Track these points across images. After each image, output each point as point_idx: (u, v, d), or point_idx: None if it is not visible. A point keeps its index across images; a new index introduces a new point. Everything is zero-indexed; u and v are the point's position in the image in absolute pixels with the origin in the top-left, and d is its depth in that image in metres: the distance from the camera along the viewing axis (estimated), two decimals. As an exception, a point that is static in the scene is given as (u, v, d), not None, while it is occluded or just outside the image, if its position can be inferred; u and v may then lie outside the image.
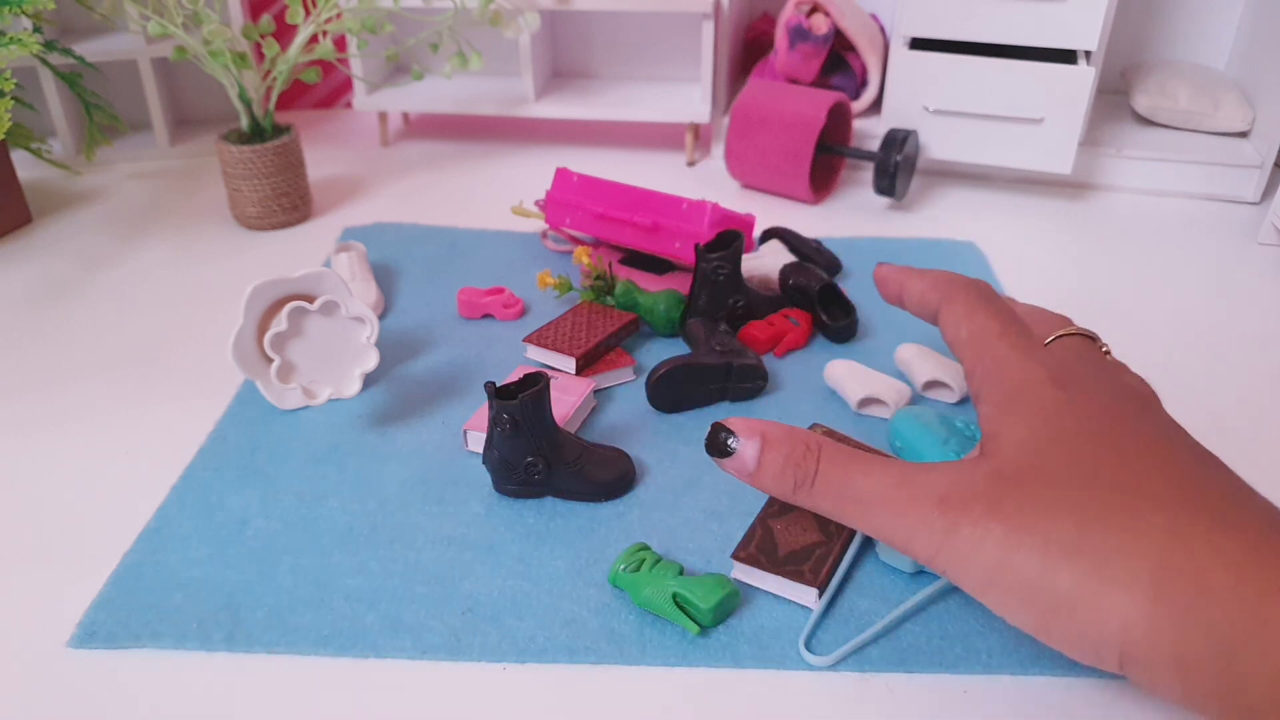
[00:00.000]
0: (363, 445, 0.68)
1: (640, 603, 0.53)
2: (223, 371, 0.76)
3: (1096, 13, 1.01)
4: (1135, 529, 0.37)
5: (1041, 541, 0.38)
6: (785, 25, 1.17)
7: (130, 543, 0.59)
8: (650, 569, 0.53)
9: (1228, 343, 0.82)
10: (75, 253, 0.99)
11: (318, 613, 0.53)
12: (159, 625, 0.52)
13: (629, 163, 1.24)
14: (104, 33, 1.23)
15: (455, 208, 1.09)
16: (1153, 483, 0.39)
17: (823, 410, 0.72)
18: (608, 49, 1.35)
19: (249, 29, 1.00)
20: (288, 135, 1.02)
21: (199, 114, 1.34)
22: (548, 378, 0.59)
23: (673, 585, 0.52)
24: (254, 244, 1.01)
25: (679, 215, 0.86)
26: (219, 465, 0.66)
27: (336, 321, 0.70)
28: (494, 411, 0.58)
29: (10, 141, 1.07)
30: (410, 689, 0.49)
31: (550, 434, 0.60)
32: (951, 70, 1.07)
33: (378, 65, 1.30)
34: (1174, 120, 1.18)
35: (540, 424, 0.59)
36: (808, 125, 1.04)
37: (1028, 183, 1.16)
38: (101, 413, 0.72)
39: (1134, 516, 0.37)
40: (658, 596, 0.52)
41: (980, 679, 0.50)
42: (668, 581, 0.52)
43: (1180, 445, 0.41)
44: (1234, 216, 1.08)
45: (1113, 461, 0.40)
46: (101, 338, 0.83)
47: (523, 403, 0.58)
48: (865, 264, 0.94)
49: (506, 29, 1.12)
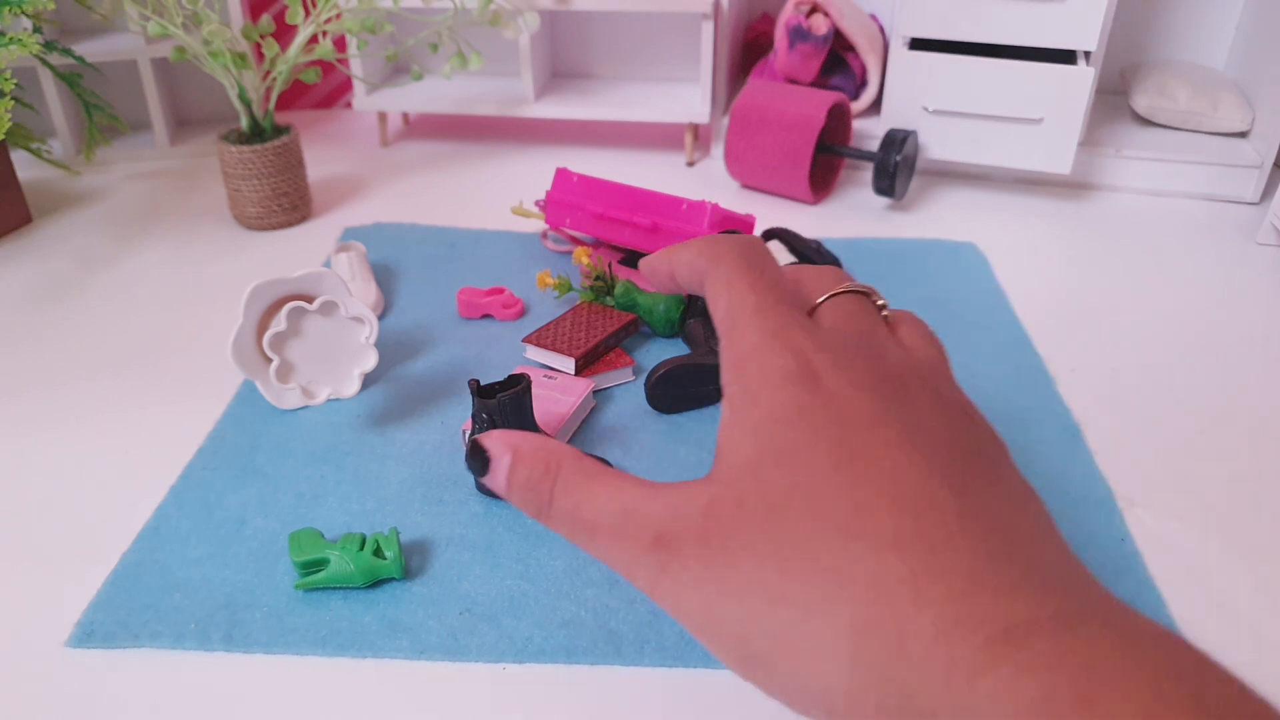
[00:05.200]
0: (362, 445, 0.68)
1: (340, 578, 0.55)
2: (222, 371, 0.77)
3: (1096, 13, 1.01)
4: (840, 573, 0.32)
5: (745, 588, 0.34)
6: (785, 25, 1.17)
7: (129, 542, 0.59)
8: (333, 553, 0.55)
9: (1227, 342, 0.82)
10: (75, 253, 0.99)
11: (316, 613, 0.53)
12: (157, 625, 0.52)
13: (629, 163, 1.24)
14: (104, 33, 1.23)
15: (455, 208, 1.09)
16: (874, 510, 0.34)
17: (822, 410, 0.72)
18: (607, 49, 1.35)
19: (249, 29, 1.00)
20: (288, 135, 1.02)
21: (199, 114, 1.34)
22: (529, 379, 0.59)
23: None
24: (254, 244, 1.01)
25: (679, 215, 0.86)
26: (218, 465, 0.66)
27: (336, 321, 0.70)
28: (474, 409, 0.58)
29: (10, 141, 1.07)
30: (408, 689, 0.49)
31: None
32: (951, 70, 1.07)
33: (377, 65, 1.30)
34: (1173, 120, 1.18)
35: (520, 425, 0.59)
36: (807, 125, 1.04)
37: (1027, 183, 1.16)
38: (100, 412, 0.72)
39: (842, 557, 0.33)
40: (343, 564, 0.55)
41: (978, 679, 0.50)
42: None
43: (923, 450, 0.35)
44: (1233, 216, 1.08)
45: (838, 482, 0.34)
46: (101, 338, 0.83)
47: (500, 402, 0.57)
48: (865, 264, 0.94)
49: (506, 29, 1.12)
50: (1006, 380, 0.76)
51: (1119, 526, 0.60)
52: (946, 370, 0.42)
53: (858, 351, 0.38)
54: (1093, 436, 0.69)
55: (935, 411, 0.36)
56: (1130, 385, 0.76)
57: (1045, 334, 0.83)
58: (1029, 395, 0.74)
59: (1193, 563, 0.58)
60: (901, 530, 0.32)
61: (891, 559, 0.31)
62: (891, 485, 0.33)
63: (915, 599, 0.30)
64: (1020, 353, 0.80)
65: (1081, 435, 0.69)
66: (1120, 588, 0.55)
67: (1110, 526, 0.60)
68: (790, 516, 0.33)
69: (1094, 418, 0.71)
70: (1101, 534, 0.59)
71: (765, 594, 0.33)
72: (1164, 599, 0.55)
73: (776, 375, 0.36)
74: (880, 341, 0.39)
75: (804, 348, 0.37)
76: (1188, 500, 0.63)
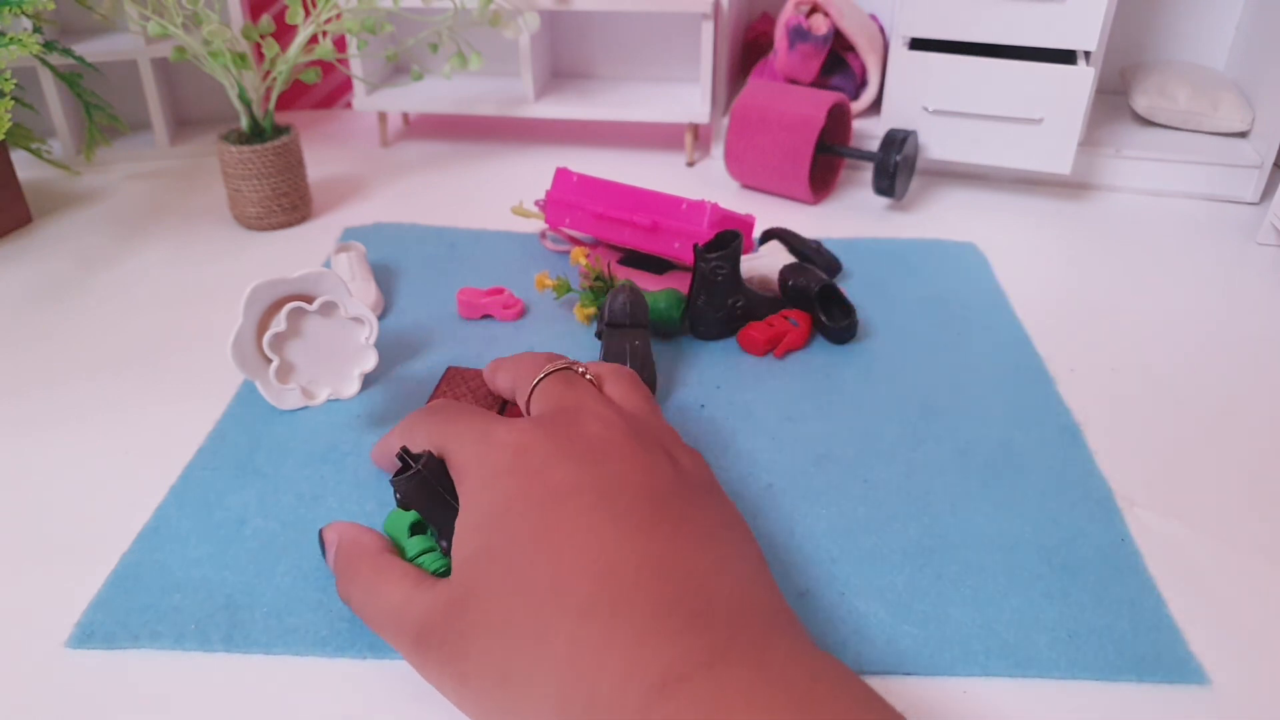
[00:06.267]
0: (362, 445, 0.68)
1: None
2: (222, 371, 0.77)
3: (1096, 13, 1.01)
4: (546, 644, 0.35)
5: (478, 672, 0.37)
6: (785, 25, 1.17)
7: (129, 543, 0.59)
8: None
9: (1227, 342, 0.82)
10: (75, 253, 0.99)
11: (316, 613, 0.53)
12: (157, 625, 0.52)
13: (629, 163, 1.24)
14: (104, 33, 1.23)
15: (455, 208, 1.09)
16: (568, 580, 0.36)
17: (823, 409, 0.72)
18: (607, 49, 1.35)
19: (249, 29, 1.00)
20: (288, 135, 1.02)
21: (199, 114, 1.34)
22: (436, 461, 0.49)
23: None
24: (254, 244, 1.01)
25: (678, 215, 0.86)
26: (218, 465, 0.66)
27: (335, 322, 0.70)
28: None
29: (10, 141, 1.07)
30: (409, 689, 0.49)
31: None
32: (951, 70, 1.07)
33: (377, 65, 1.30)
34: (1173, 120, 1.18)
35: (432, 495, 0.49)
36: (807, 125, 1.04)
37: (1027, 183, 1.16)
38: (100, 412, 0.72)
39: (547, 629, 0.35)
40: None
41: (978, 681, 0.50)
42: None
43: (615, 509, 0.38)
44: (1233, 216, 1.08)
45: (538, 559, 0.37)
46: (101, 338, 0.83)
47: (404, 482, 0.49)
48: (865, 265, 0.94)
49: (506, 29, 1.12)
50: (1006, 380, 0.76)
51: (1119, 526, 0.60)
52: (656, 418, 0.46)
53: (563, 427, 0.43)
54: (1093, 436, 0.69)
55: (632, 463, 0.40)
56: (1130, 385, 0.76)
57: (1045, 334, 0.83)
58: (1029, 395, 0.74)
59: (1193, 563, 0.58)
60: (592, 596, 0.35)
61: (582, 625, 0.34)
62: (584, 552, 0.37)
63: (599, 661, 0.33)
64: (1020, 353, 0.80)
65: (1081, 435, 0.69)
66: (1120, 588, 0.55)
67: (1110, 526, 0.60)
68: (504, 599, 0.37)
69: (1094, 418, 0.71)
70: (1101, 534, 0.59)
71: (495, 675, 0.36)
72: (1164, 599, 0.55)
73: (490, 472, 0.42)
74: (584, 408, 0.45)
75: (514, 440, 0.43)
76: (1188, 500, 0.63)
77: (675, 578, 0.35)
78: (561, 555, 0.37)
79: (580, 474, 0.40)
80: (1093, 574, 0.56)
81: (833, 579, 0.56)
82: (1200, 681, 0.50)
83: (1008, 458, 0.67)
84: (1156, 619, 0.53)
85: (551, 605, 0.35)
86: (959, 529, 0.60)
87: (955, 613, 0.53)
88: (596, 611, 0.34)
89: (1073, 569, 0.57)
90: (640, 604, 0.34)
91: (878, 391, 0.74)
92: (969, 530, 0.60)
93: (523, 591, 0.37)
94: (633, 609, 0.34)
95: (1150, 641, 0.52)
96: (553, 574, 0.36)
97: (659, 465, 0.41)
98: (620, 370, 0.50)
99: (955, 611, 0.53)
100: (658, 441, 0.44)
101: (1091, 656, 0.51)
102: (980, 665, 0.50)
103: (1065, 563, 0.57)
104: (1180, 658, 0.51)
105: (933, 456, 0.67)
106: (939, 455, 0.67)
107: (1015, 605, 0.54)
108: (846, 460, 0.66)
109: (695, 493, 0.42)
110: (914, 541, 0.59)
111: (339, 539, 0.50)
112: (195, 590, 0.55)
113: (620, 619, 0.34)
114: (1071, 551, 0.58)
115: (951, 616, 0.53)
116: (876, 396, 0.74)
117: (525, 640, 0.35)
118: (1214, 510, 0.62)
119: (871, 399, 0.73)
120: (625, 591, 0.35)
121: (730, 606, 0.35)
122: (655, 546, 0.37)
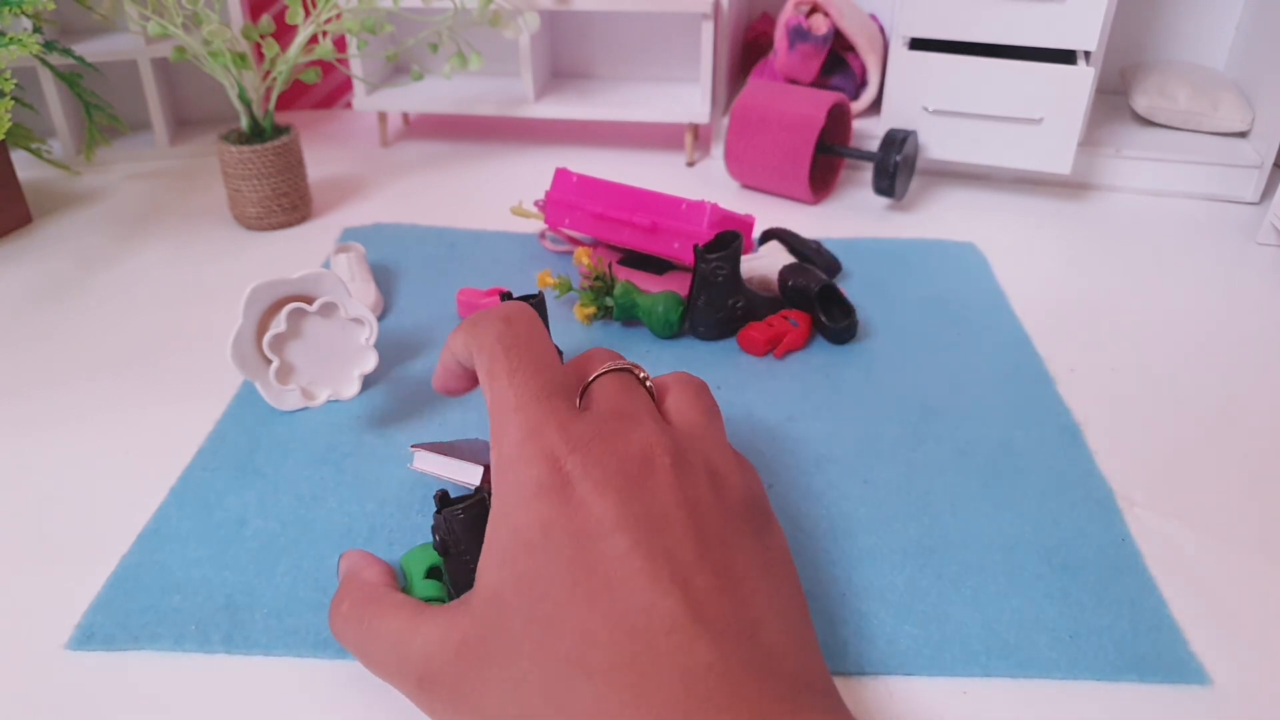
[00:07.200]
0: (362, 446, 0.68)
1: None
2: (222, 371, 0.76)
3: (1096, 13, 1.01)
4: (565, 708, 0.33)
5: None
6: (785, 25, 1.17)
7: (128, 544, 0.59)
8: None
9: (1227, 342, 0.82)
10: (75, 253, 0.99)
11: (317, 614, 0.53)
12: (157, 627, 0.52)
13: (629, 163, 1.24)
14: (104, 33, 1.23)
15: (455, 208, 1.09)
16: (596, 636, 0.34)
17: (823, 409, 0.72)
18: (607, 49, 1.35)
19: (249, 29, 1.00)
20: (288, 135, 1.02)
21: (199, 114, 1.34)
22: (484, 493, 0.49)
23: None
24: (254, 244, 1.01)
25: (678, 215, 0.86)
26: (217, 466, 0.66)
27: (335, 323, 0.70)
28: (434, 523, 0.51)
29: (10, 141, 1.07)
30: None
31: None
32: (951, 70, 1.07)
33: (377, 65, 1.30)
34: (1173, 120, 1.18)
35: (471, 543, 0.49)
36: (807, 125, 1.04)
37: (1027, 183, 1.16)
38: (100, 413, 0.72)
39: (567, 693, 0.34)
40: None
41: (979, 681, 0.50)
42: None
43: (654, 551, 0.36)
44: (1233, 216, 1.08)
45: (569, 609, 0.35)
46: (101, 338, 0.83)
47: (447, 519, 0.49)
48: (865, 265, 0.94)
49: (506, 29, 1.12)
50: (1006, 380, 0.76)
51: (1119, 526, 0.60)
52: (709, 432, 0.43)
53: (608, 442, 0.39)
54: (1093, 436, 0.69)
55: (678, 492, 0.38)
56: (1130, 385, 0.76)
57: (1045, 334, 0.83)
58: (1029, 395, 0.74)
59: (1193, 563, 0.58)
60: (616, 658, 0.33)
61: (604, 691, 0.33)
62: (615, 603, 0.35)
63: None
64: (1020, 353, 0.80)
65: (1081, 435, 0.69)
66: (1121, 588, 0.55)
67: (1110, 526, 0.60)
68: (526, 652, 0.35)
69: (1094, 418, 0.71)
70: (1101, 534, 0.59)
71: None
72: (1164, 599, 0.55)
73: (529, 488, 0.38)
74: (636, 421, 0.41)
75: (557, 450, 0.39)
76: (1188, 500, 0.63)
77: (707, 638, 0.34)
78: (592, 603, 0.35)
79: (621, 510, 0.37)
80: (1093, 574, 0.56)
81: (833, 579, 0.56)
82: (1201, 681, 0.50)
83: (1008, 458, 0.67)
84: (1157, 619, 0.53)
85: (575, 665, 0.34)
86: (959, 529, 0.60)
87: (955, 613, 0.53)
88: (623, 676, 0.33)
89: (1073, 569, 0.57)
90: (668, 671, 0.33)
91: (878, 391, 0.74)
92: (969, 530, 0.60)
93: (545, 645, 0.35)
94: (660, 676, 0.33)
95: (1151, 641, 0.52)
96: (580, 628, 0.35)
97: (701, 497, 0.39)
98: (685, 381, 0.46)
99: (955, 612, 0.53)
100: (704, 462, 0.41)
101: (1092, 656, 0.51)
102: (980, 665, 0.50)
103: (1066, 563, 0.57)
104: (1181, 658, 0.51)
105: (933, 456, 0.67)
106: (939, 455, 0.67)
107: (1015, 605, 0.54)
108: (846, 460, 0.66)
109: (739, 526, 0.40)
110: (914, 541, 0.59)
111: (350, 580, 0.47)
112: (195, 591, 0.55)
113: (647, 688, 0.33)
114: (1072, 551, 0.58)
115: (952, 617, 0.53)
116: (876, 396, 0.74)
117: (541, 697, 0.34)
118: (1214, 510, 0.62)
119: (871, 399, 0.73)
120: (655, 653, 0.34)
121: (762, 673, 0.34)
122: (690, 601, 0.35)
